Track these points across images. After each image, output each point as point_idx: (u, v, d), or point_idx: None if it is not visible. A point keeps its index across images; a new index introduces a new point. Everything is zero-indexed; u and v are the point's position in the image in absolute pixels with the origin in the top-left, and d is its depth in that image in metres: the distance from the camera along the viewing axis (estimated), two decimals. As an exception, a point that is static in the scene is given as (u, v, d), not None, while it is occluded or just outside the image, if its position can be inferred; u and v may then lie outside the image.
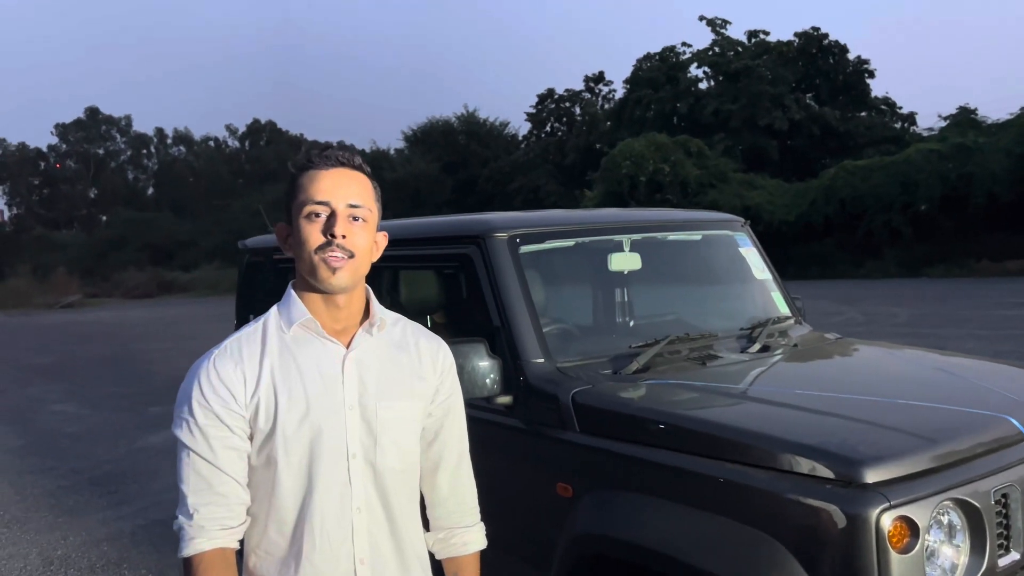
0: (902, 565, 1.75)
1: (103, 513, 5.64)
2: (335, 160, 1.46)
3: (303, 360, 1.46)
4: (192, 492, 1.41)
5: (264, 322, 1.51)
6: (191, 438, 1.42)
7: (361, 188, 1.46)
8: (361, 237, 1.45)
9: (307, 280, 1.46)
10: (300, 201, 1.44)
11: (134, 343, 17.19)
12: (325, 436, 1.44)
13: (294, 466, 1.43)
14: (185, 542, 1.41)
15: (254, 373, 1.44)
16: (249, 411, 1.43)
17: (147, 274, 43.08)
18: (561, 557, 2.27)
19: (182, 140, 72.07)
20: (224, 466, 1.42)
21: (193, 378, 1.46)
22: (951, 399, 2.33)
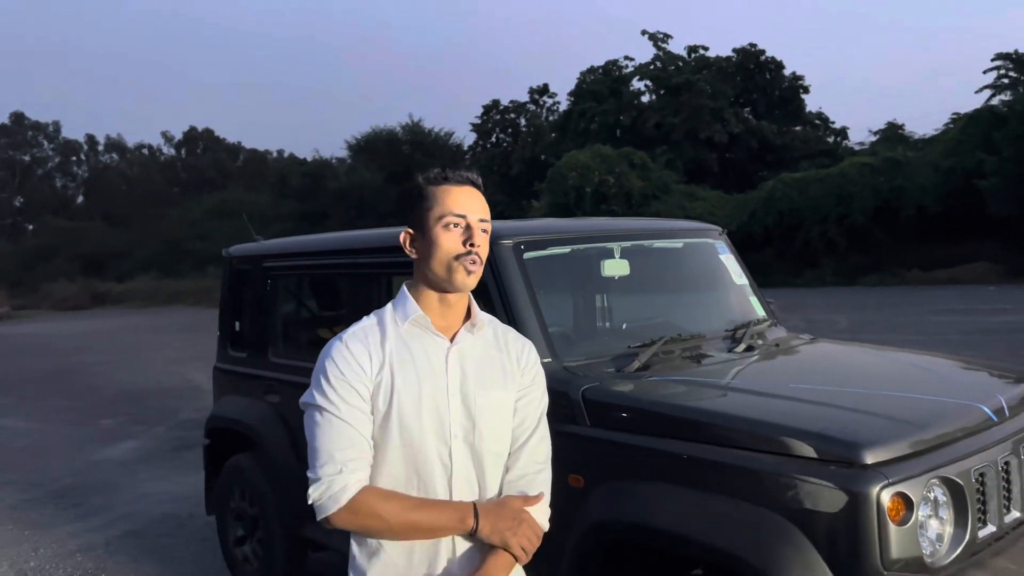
0: (900, 536, 1.95)
1: (71, 526, 5.56)
2: (466, 180, 1.69)
3: (415, 350, 1.65)
4: (336, 449, 1.58)
5: (381, 316, 1.70)
6: (329, 403, 1.60)
7: (485, 205, 1.70)
8: (486, 247, 1.69)
9: (432, 280, 1.65)
10: (439, 212, 1.64)
11: (74, 356, 16.73)
12: (432, 418, 1.63)
13: (406, 442, 1.62)
14: (339, 491, 1.55)
15: (378, 356, 1.64)
16: (373, 386, 1.61)
17: (78, 285, 41.78)
18: (575, 546, 2.41)
19: (114, 147, 70.16)
20: (359, 426, 1.60)
21: (327, 356, 1.66)
22: (928, 390, 2.56)
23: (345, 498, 1.56)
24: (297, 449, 3.85)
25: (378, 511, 1.56)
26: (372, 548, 1.65)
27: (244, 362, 4.28)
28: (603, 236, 3.32)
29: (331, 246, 3.95)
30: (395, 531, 1.59)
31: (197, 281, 36.99)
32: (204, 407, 10.10)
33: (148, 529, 5.40)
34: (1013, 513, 2.28)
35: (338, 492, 1.56)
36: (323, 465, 1.58)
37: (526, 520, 1.64)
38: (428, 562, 1.63)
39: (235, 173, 63.95)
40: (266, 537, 4.02)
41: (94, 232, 51.89)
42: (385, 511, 1.56)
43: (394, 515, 1.57)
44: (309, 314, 4.40)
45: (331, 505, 1.57)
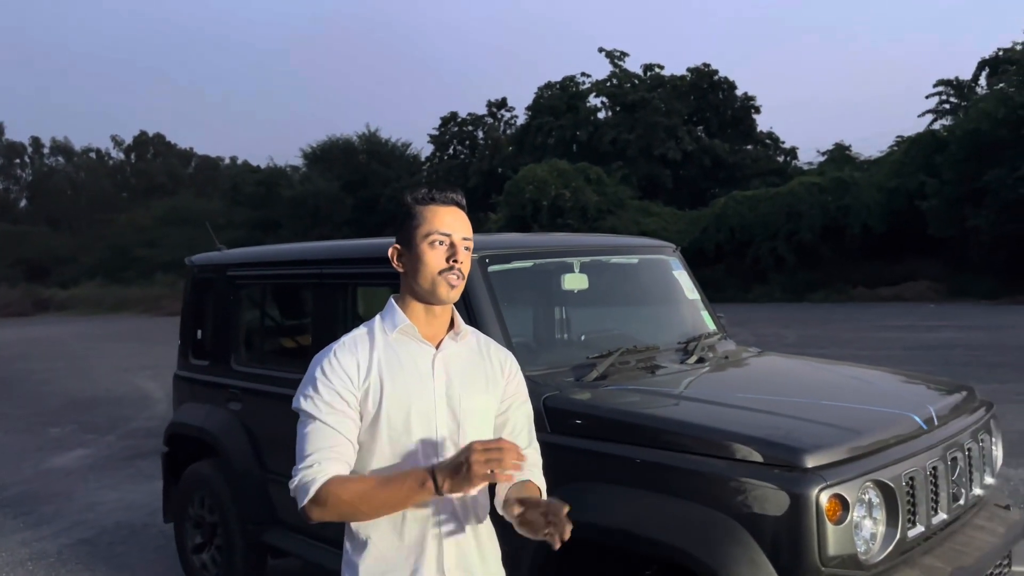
0: (836, 534, 2.11)
1: (21, 534, 5.48)
2: (452, 200, 1.79)
3: (403, 357, 1.76)
4: (314, 450, 1.68)
5: (371, 327, 1.80)
6: (316, 408, 1.70)
7: (468, 224, 1.81)
8: (468, 263, 1.79)
9: (417, 292, 1.76)
10: (425, 230, 1.75)
11: (16, 364, 16.31)
12: (420, 420, 1.74)
13: (394, 441, 1.72)
14: (307, 485, 1.65)
15: (365, 364, 1.74)
16: (360, 392, 1.72)
17: (20, 291, 40.60)
18: (536, 546, 2.52)
19: (61, 150, 68.37)
20: (342, 430, 1.70)
21: (317, 365, 1.76)
22: (865, 400, 2.74)
23: (312, 490, 1.65)
24: (259, 456, 3.90)
25: (342, 496, 1.65)
26: (361, 541, 1.75)
27: (206, 370, 4.31)
28: (563, 251, 3.46)
29: (296, 256, 4.02)
30: (364, 512, 1.68)
31: (145, 289, 36.29)
32: (155, 415, 10.00)
33: (101, 537, 5.36)
34: (940, 515, 2.46)
35: (307, 484, 1.66)
36: (298, 463, 1.70)
37: (473, 443, 1.59)
38: (417, 549, 1.73)
39: (186, 179, 62.89)
40: (225, 544, 4.04)
41: (38, 237, 50.53)
42: (348, 494, 1.65)
43: (357, 496, 1.65)
44: (272, 323, 4.45)
45: (301, 498, 1.67)
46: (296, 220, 39.17)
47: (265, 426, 3.89)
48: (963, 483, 2.59)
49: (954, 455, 2.55)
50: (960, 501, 2.57)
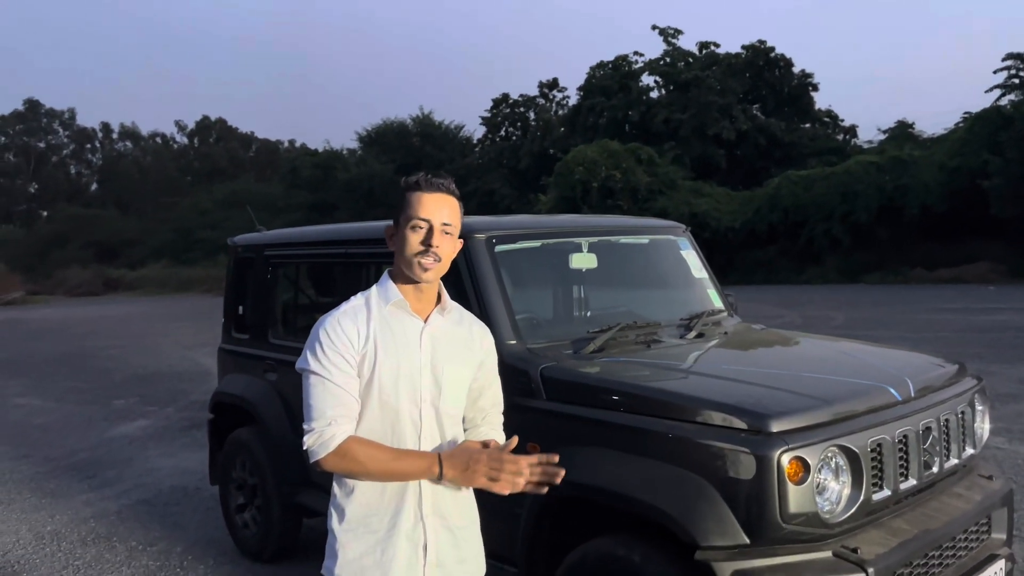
0: (797, 493, 2.28)
1: (86, 495, 5.94)
2: (437, 186, 1.98)
3: (396, 329, 1.99)
4: (327, 406, 1.91)
5: (367, 298, 2.02)
6: (322, 368, 1.92)
7: (452, 210, 1.99)
8: (447, 246, 1.98)
9: (403, 271, 1.98)
10: (408, 215, 1.96)
11: (86, 340, 17.18)
12: (407, 385, 1.97)
13: (384, 403, 1.95)
14: (328, 439, 1.88)
15: (364, 332, 1.96)
16: (359, 356, 1.94)
17: (92, 272, 42.31)
18: (532, 499, 2.75)
19: (128, 135, 70.70)
20: (349, 389, 1.93)
21: (321, 328, 1.97)
22: (845, 372, 2.88)
23: (334, 444, 1.88)
24: (293, 423, 4.20)
25: (360, 457, 1.89)
26: (348, 488, 1.98)
27: (246, 343, 4.63)
28: (571, 232, 3.65)
29: (325, 237, 4.29)
30: (372, 474, 1.92)
31: (208, 270, 37.48)
32: (212, 389, 10.48)
33: (157, 499, 5.78)
34: (910, 481, 2.59)
35: (328, 440, 1.89)
36: (316, 419, 1.92)
37: (485, 454, 1.91)
38: (398, 496, 1.97)
39: (247, 163, 64.44)
40: (264, 504, 4.37)
41: (107, 220, 52.45)
42: (365, 457, 1.89)
43: (373, 461, 1.89)
44: (306, 299, 4.74)
45: (322, 451, 1.89)
46: (351, 202, 39.90)
47: (298, 396, 4.16)
48: (937, 452, 2.71)
49: (928, 425, 2.67)
50: (933, 469, 2.69)
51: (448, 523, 2.02)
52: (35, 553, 4.79)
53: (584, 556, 2.63)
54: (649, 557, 2.46)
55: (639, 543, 2.52)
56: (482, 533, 2.17)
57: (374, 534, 1.96)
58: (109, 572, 4.45)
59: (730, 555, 2.30)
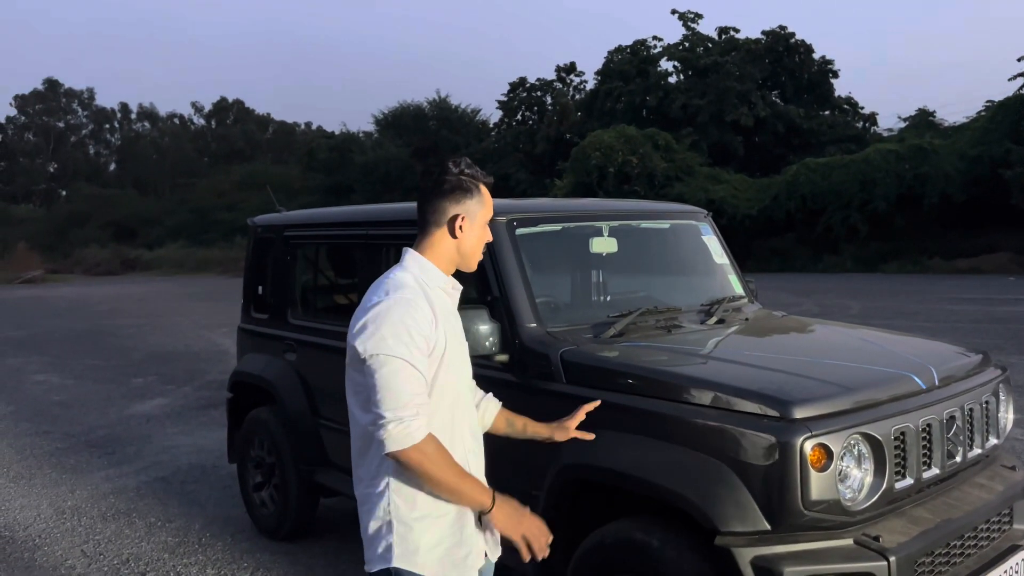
0: (819, 480, 2.27)
1: (105, 471, 6.01)
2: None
3: (448, 311, 2.05)
4: (413, 394, 1.86)
5: (416, 282, 1.99)
6: (410, 354, 1.87)
7: None
8: None
9: (455, 257, 2.06)
10: (487, 213, 2.09)
11: (105, 319, 17.33)
12: (461, 362, 2.07)
13: (450, 384, 2.01)
14: (415, 431, 1.85)
15: (431, 316, 1.95)
16: (433, 340, 1.94)
17: (110, 251, 42.61)
18: (551, 482, 2.75)
19: (147, 116, 71.09)
20: (427, 376, 1.92)
21: (398, 314, 1.89)
22: (869, 360, 2.85)
23: (420, 436, 1.85)
24: (312, 403, 4.23)
25: (436, 460, 1.87)
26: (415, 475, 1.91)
27: (265, 323, 4.65)
28: (592, 215, 3.63)
29: (345, 218, 4.29)
30: (434, 481, 1.89)
31: (225, 251, 37.67)
32: (229, 369, 10.47)
33: (175, 476, 5.84)
34: (933, 470, 2.57)
35: (414, 431, 1.84)
36: (401, 407, 1.84)
37: (536, 521, 2.03)
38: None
39: (264, 145, 64.65)
40: (282, 483, 4.41)
41: (126, 199, 52.74)
42: (440, 461, 1.88)
43: (442, 470, 1.88)
44: (325, 280, 4.76)
45: (407, 442, 1.83)
46: (368, 185, 39.92)
47: (317, 376, 4.21)
48: (960, 442, 2.69)
49: (952, 414, 2.65)
50: (956, 459, 2.67)
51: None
52: (56, 527, 4.85)
53: (601, 540, 2.63)
54: (667, 542, 2.45)
55: (657, 528, 2.51)
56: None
57: (446, 516, 1.99)
58: (129, 547, 4.51)
59: (750, 541, 2.30)
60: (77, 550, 4.49)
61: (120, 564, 4.28)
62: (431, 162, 2.12)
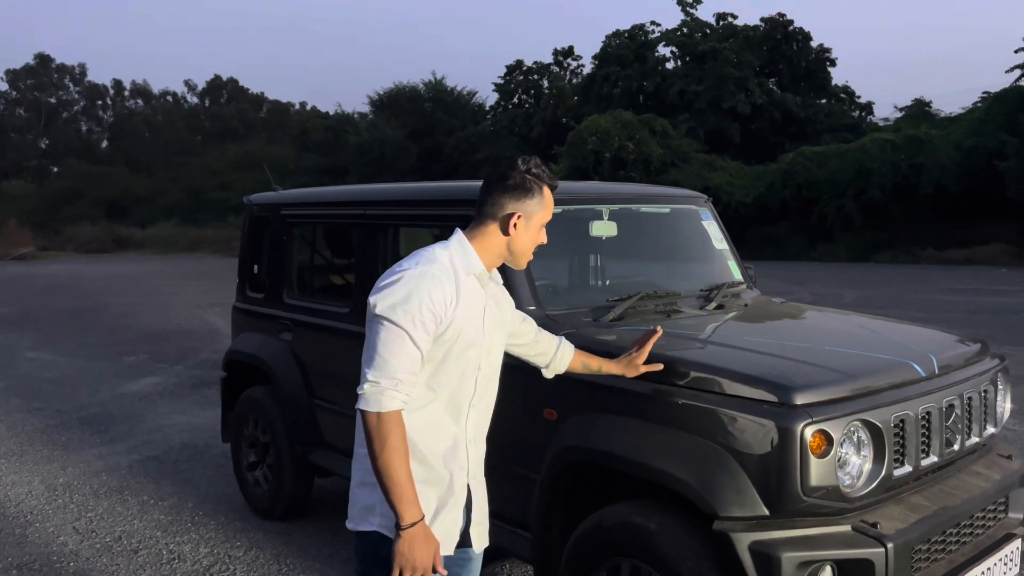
0: (819, 467, 2.26)
1: (97, 449, 5.99)
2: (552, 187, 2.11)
3: (475, 298, 2.04)
4: (401, 367, 1.89)
5: (451, 260, 2.02)
6: (413, 327, 1.90)
7: None
8: None
9: (504, 253, 2.07)
10: (545, 216, 2.09)
11: (97, 297, 17.24)
12: (473, 347, 2.04)
13: (457, 370, 2.02)
14: (385, 399, 1.88)
15: (455, 297, 1.97)
16: (446, 323, 1.95)
17: (102, 229, 42.31)
18: (549, 465, 2.75)
19: (140, 93, 70.47)
20: (425, 351, 1.93)
21: (417, 280, 1.92)
22: (869, 347, 2.85)
23: (388, 407, 1.88)
24: (307, 382, 4.21)
25: (390, 438, 1.87)
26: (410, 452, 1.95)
27: (261, 302, 4.62)
28: (593, 199, 3.61)
29: (343, 197, 4.26)
30: (378, 459, 1.87)
31: (218, 230, 37.49)
32: (222, 348, 10.48)
33: (168, 455, 5.82)
34: (931, 458, 2.57)
35: (385, 401, 1.88)
36: (384, 374, 1.88)
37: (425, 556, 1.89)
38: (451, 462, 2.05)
39: (258, 124, 64.20)
40: (276, 463, 4.39)
41: (118, 177, 52.32)
42: (393, 442, 1.87)
43: (391, 452, 1.86)
44: (321, 260, 4.72)
45: (373, 406, 1.88)
46: (362, 167, 39.70)
47: (312, 356, 4.19)
48: (959, 430, 2.69)
49: (951, 403, 2.65)
50: (954, 447, 2.67)
51: (480, 481, 2.14)
52: (48, 504, 4.83)
53: (599, 522, 2.63)
54: (665, 526, 2.45)
55: (655, 511, 2.51)
56: (497, 498, 2.26)
57: (433, 492, 2.01)
58: (121, 525, 4.50)
59: (748, 526, 2.29)
60: (69, 527, 4.47)
61: (112, 541, 4.27)
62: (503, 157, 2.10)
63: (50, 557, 4.08)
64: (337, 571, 3.86)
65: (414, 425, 1.98)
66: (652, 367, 2.51)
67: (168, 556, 4.08)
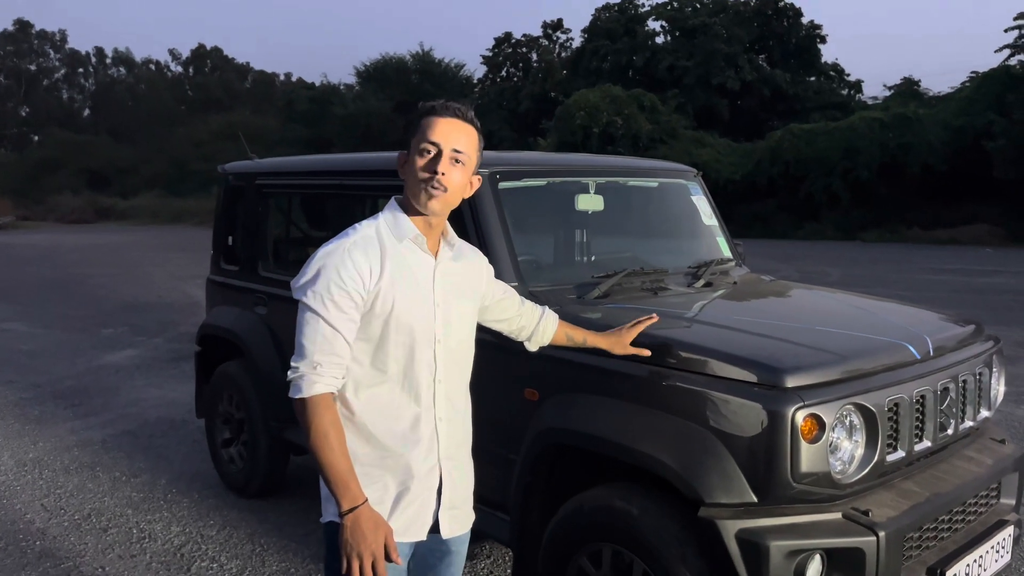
0: (810, 452, 2.17)
1: (71, 423, 5.85)
2: (453, 111, 1.84)
3: (412, 265, 1.88)
4: (317, 350, 1.79)
5: (377, 230, 1.88)
6: (323, 308, 1.79)
7: (467, 138, 1.86)
8: (459, 177, 1.85)
9: (411, 202, 1.85)
10: (418, 139, 1.83)
11: (76, 268, 17.01)
12: (422, 324, 1.88)
13: (400, 344, 1.87)
14: (305, 384, 1.78)
15: (377, 268, 1.83)
16: (371, 296, 1.81)
17: (83, 199, 41.88)
18: (528, 446, 2.65)
19: (122, 61, 69.32)
20: (344, 332, 1.81)
21: (328, 259, 1.82)
22: (862, 328, 2.75)
23: (308, 392, 1.78)
24: (282, 357, 4.08)
25: (316, 421, 1.76)
26: (361, 427, 1.86)
27: (236, 275, 4.48)
28: (579, 171, 3.48)
29: (321, 167, 4.10)
30: (312, 446, 1.78)
31: (201, 201, 37.07)
32: (202, 320, 10.40)
33: (142, 429, 5.69)
34: (924, 443, 2.49)
35: (304, 386, 1.79)
36: (302, 359, 1.80)
37: (372, 544, 1.76)
38: (414, 441, 1.90)
39: (243, 94, 63.34)
40: (251, 440, 4.28)
41: (100, 147, 51.67)
42: (321, 427, 1.76)
43: (321, 438, 1.76)
44: (299, 232, 4.58)
45: (295, 392, 1.80)
46: (348, 139, 39.28)
47: (288, 330, 4.02)
48: (953, 414, 2.60)
49: (946, 386, 2.56)
50: (948, 431, 2.59)
51: (457, 461, 1.99)
52: (16, 480, 4.70)
53: (580, 506, 2.53)
54: (647, 511, 2.36)
55: (638, 495, 2.42)
56: (475, 479, 2.11)
57: (389, 475, 1.88)
58: (92, 502, 4.37)
59: (735, 513, 2.20)
60: (37, 504, 4.35)
61: (81, 519, 4.15)
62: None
63: (16, 536, 3.96)
64: (312, 550, 3.77)
65: (364, 407, 1.87)
66: (639, 351, 2.38)
67: (138, 535, 3.97)
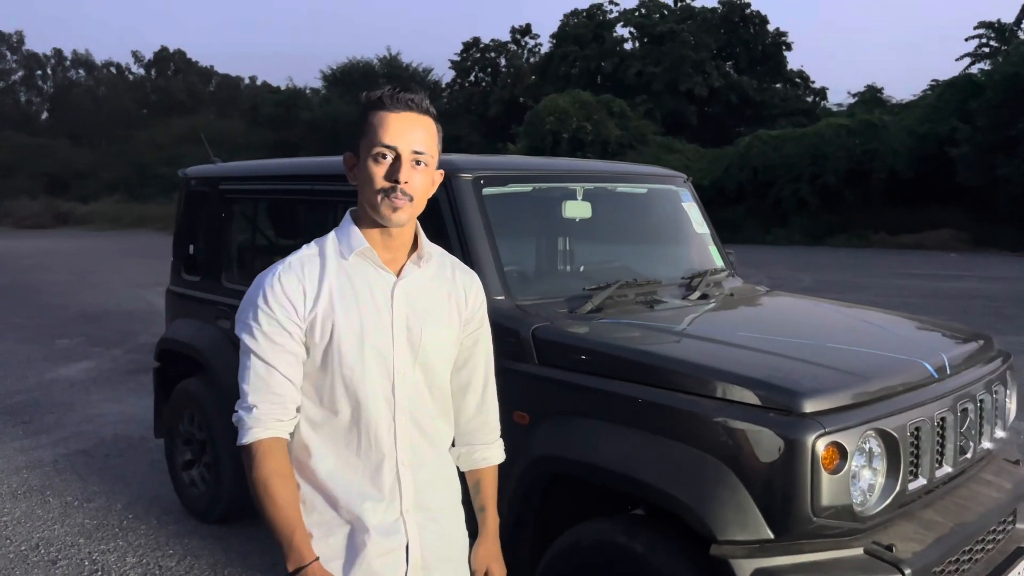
0: (832, 484, 1.98)
1: (19, 442, 5.50)
2: (405, 104, 1.54)
3: (359, 284, 1.58)
4: (252, 390, 1.54)
5: (322, 246, 1.61)
6: (254, 342, 1.54)
7: (426, 134, 1.55)
8: (421, 181, 1.56)
9: (368, 212, 1.56)
10: (369, 141, 1.53)
11: (32, 274, 16.45)
12: (375, 353, 1.57)
13: (347, 377, 1.56)
14: (245, 432, 1.54)
15: (313, 290, 1.56)
16: (306, 323, 1.55)
17: (41, 203, 40.89)
18: (519, 477, 2.43)
19: (82, 64, 67.92)
20: (281, 368, 1.54)
21: (259, 289, 1.57)
22: (874, 344, 2.58)
23: (247, 438, 1.53)
24: (248, 375, 3.81)
25: (258, 471, 1.52)
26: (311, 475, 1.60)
27: (197, 286, 4.21)
28: (566, 176, 3.28)
29: (288, 171, 3.86)
30: (259, 499, 1.53)
31: (163, 206, 36.32)
32: (163, 331, 10.03)
33: (98, 449, 5.37)
34: (945, 468, 2.32)
35: (241, 432, 1.54)
36: (240, 401, 1.57)
37: None
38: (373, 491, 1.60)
39: (207, 98, 62.42)
40: (213, 462, 4.00)
41: (58, 150, 50.49)
42: (255, 478, 1.52)
43: (256, 488, 1.52)
44: (264, 239, 4.32)
45: (239, 439, 1.55)
46: (315, 143, 38.83)
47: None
48: (972, 436, 2.44)
49: (965, 406, 2.40)
50: (967, 454, 2.42)
51: (433, 515, 1.66)
52: (-42, 507, 4.37)
53: (576, 541, 2.32)
54: (654, 547, 2.15)
55: (642, 530, 2.21)
56: (463, 508, 1.78)
57: (343, 529, 1.59)
58: (40, 530, 4.06)
59: (751, 551, 2.01)
60: (-20, 533, 4.03)
61: (28, 550, 3.84)
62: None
63: (-45, 570, 3.65)
64: (280, 582, 3.50)
65: (318, 450, 1.60)
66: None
67: (90, 567, 3.67)
